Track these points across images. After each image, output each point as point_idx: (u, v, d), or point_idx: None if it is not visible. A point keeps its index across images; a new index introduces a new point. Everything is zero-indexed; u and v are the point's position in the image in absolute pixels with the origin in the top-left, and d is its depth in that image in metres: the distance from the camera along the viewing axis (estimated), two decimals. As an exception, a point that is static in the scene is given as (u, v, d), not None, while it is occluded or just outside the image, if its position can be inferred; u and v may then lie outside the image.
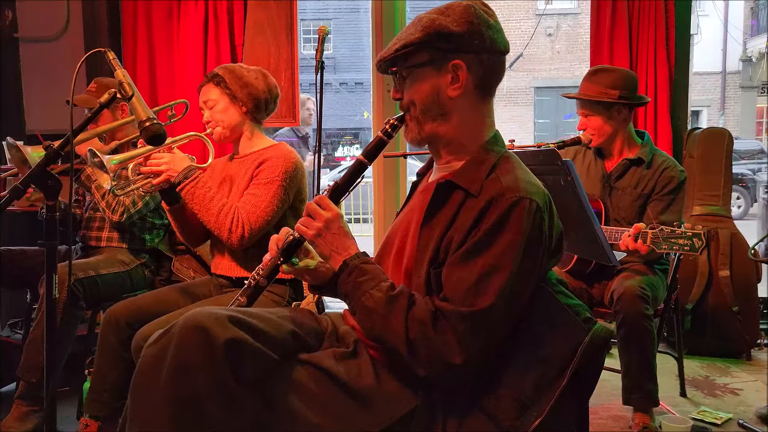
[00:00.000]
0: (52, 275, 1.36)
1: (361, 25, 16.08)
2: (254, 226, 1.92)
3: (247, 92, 2.04)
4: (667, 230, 2.04)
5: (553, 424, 1.16)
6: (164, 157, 1.93)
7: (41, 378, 2.12)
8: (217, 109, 2.05)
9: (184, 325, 1.12)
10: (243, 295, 1.37)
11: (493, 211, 1.16)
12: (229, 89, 2.03)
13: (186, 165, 1.94)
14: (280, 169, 1.98)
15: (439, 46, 1.22)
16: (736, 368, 2.99)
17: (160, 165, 1.92)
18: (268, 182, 1.97)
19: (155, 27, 3.27)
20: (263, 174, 1.99)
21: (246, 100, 2.05)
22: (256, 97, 2.06)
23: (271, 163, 2.00)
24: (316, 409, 1.18)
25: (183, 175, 1.92)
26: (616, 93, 2.34)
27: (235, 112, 2.06)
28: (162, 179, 1.93)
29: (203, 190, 1.92)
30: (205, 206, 1.92)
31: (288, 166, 2.00)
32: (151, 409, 1.10)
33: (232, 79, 2.04)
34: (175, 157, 1.95)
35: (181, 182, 1.92)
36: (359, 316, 1.23)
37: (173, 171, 1.93)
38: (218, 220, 1.91)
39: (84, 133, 1.85)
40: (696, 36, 12.39)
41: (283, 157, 2.01)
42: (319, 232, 1.28)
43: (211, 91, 2.06)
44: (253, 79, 2.06)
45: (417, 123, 1.28)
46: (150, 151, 1.92)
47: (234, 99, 2.04)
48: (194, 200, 1.93)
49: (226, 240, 1.94)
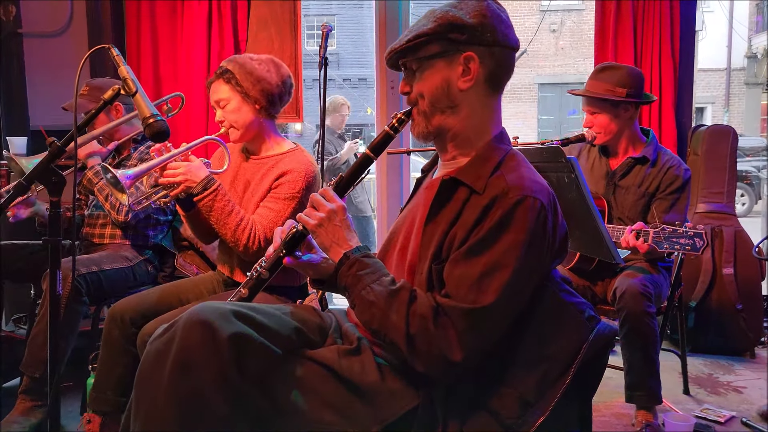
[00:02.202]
0: (56, 271, 1.36)
1: (365, 21, 16.05)
2: (271, 242, 1.90)
3: (260, 88, 1.94)
4: (668, 229, 2.04)
5: (556, 422, 1.16)
6: (180, 167, 1.84)
7: (45, 373, 2.13)
8: (229, 108, 1.95)
9: (188, 320, 1.13)
10: (245, 287, 1.37)
11: (497, 209, 1.16)
12: (240, 86, 1.93)
13: (204, 175, 1.85)
14: (301, 185, 1.93)
15: (451, 37, 1.22)
16: (739, 366, 2.98)
17: (177, 176, 1.84)
18: (288, 198, 1.92)
19: (159, 23, 3.27)
20: (283, 189, 1.93)
21: (259, 97, 1.95)
22: (270, 92, 1.96)
23: (291, 177, 1.93)
24: (319, 405, 1.18)
25: (202, 186, 1.84)
26: (623, 91, 2.33)
27: (248, 110, 1.96)
28: (180, 190, 1.86)
29: (222, 203, 1.85)
30: (222, 220, 1.86)
31: (308, 180, 1.95)
32: (156, 404, 1.11)
33: (243, 75, 1.93)
34: (191, 166, 1.85)
35: (200, 193, 1.85)
36: (359, 309, 1.22)
37: (191, 182, 1.84)
38: (235, 234, 1.86)
39: (81, 136, 1.84)
40: (701, 32, 12.36)
41: (304, 171, 1.94)
42: (321, 222, 1.27)
43: (221, 89, 1.96)
44: (265, 72, 1.96)
45: (425, 116, 1.28)
46: (164, 161, 1.83)
47: (246, 97, 1.94)
48: (212, 213, 1.86)
49: (241, 253, 1.90)
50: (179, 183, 1.85)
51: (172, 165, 1.85)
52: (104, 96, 1.38)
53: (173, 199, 1.91)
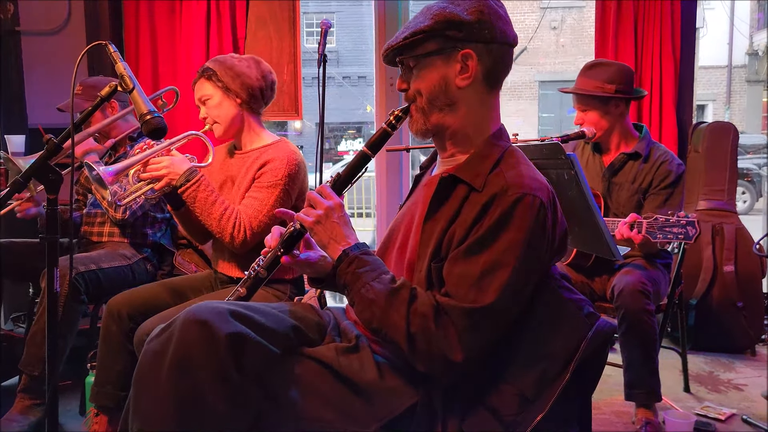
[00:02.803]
0: (54, 269, 1.36)
1: (364, 18, 16.03)
2: (256, 231, 1.90)
3: (240, 82, 1.98)
4: (661, 219, 2.04)
5: (556, 420, 1.16)
6: (163, 161, 1.88)
7: (43, 371, 2.13)
8: (211, 104, 2.00)
9: (185, 320, 1.12)
10: (243, 286, 1.36)
11: (496, 206, 1.15)
12: (221, 81, 1.98)
13: (186, 167, 1.89)
14: (283, 172, 1.95)
15: (449, 34, 1.21)
16: (740, 364, 2.98)
17: (160, 169, 1.87)
18: (270, 186, 1.94)
19: (157, 20, 3.26)
20: (266, 177, 1.95)
21: (239, 90, 1.99)
22: (250, 86, 2.00)
23: (273, 165, 1.96)
24: (318, 403, 1.17)
25: (185, 178, 1.87)
26: (612, 87, 2.33)
27: (230, 105, 2.00)
28: (163, 184, 1.88)
29: (205, 194, 1.88)
30: (207, 210, 1.88)
31: (291, 168, 1.96)
32: (154, 403, 1.10)
33: (223, 71, 1.98)
34: (174, 160, 1.89)
35: (183, 184, 1.88)
36: (358, 308, 1.21)
37: (174, 174, 1.87)
38: (220, 224, 1.89)
39: (77, 134, 1.83)
40: (702, 30, 12.34)
41: (286, 159, 1.97)
42: (319, 219, 1.26)
43: (204, 86, 2.01)
44: (245, 68, 2.00)
45: (423, 113, 1.27)
46: (147, 156, 1.87)
47: (227, 91, 1.99)
48: (196, 204, 1.89)
49: (228, 244, 1.92)
50: (162, 176, 1.88)
51: (155, 160, 1.88)
52: (101, 93, 1.37)
53: (160, 194, 1.93)
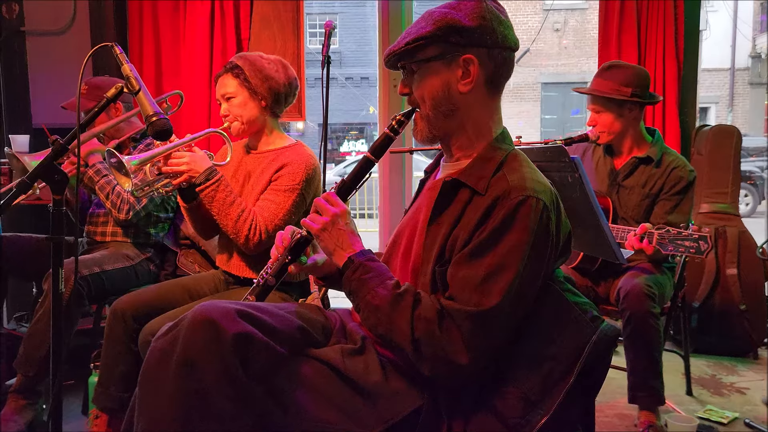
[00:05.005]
0: (58, 269, 1.36)
1: (368, 19, 16.05)
2: (272, 234, 1.89)
3: (268, 86, 1.98)
4: (673, 231, 2.03)
5: (560, 422, 1.16)
6: (185, 156, 1.87)
7: (39, 372, 2.13)
8: (235, 102, 1.99)
9: (193, 319, 1.13)
10: (252, 293, 1.37)
11: (499, 209, 1.15)
12: (248, 82, 1.97)
13: (207, 165, 1.88)
14: (301, 177, 1.95)
15: (450, 40, 1.21)
16: (742, 367, 2.98)
17: (181, 165, 1.86)
18: (288, 190, 1.94)
19: (161, 21, 3.27)
20: (283, 180, 1.95)
21: (266, 94, 1.98)
22: (277, 91, 2.00)
23: (291, 169, 1.95)
24: (323, 404, 1.18)
25: (205, 177, 1.87)
26: (629, 90, 2.31)
27: (254, 107, 2.00)
28: (183, 179, 1.88)
29: (224, 194, 1.88)
30: (224, 211, 1.88)
31: (309, 172, 1.96)
32: (160, 402, 1.11)
33: (253, 72, 1.97)
34: (195, 157, 1.88)
35: (202, 183, 1.88)
36: (364, 314, 1.22)
37: (194, 171, 1.87)
38: (236, 225, 1.88)
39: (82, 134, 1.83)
40: (705, 32, 12.32)
41: (304, 163, 1.96)
42: (325, 226, 1.28)
43: (229, 82, 1.99)
44: (273, 72, 2.00)
45: (428, 121, 1.27)
46: (168, 150, 1.87)
47: (254, 93, 1.98)
48: (214, 204, 1.88)
49: (242, 245, 1.91)
50: (183, 172, 1.87)
51: (176, 154, 1.88)
52: (107, 94, 1.37)
53: (176, 188, 1.93)
